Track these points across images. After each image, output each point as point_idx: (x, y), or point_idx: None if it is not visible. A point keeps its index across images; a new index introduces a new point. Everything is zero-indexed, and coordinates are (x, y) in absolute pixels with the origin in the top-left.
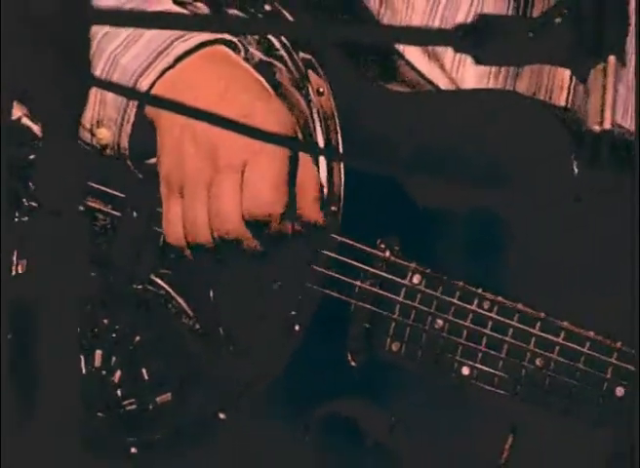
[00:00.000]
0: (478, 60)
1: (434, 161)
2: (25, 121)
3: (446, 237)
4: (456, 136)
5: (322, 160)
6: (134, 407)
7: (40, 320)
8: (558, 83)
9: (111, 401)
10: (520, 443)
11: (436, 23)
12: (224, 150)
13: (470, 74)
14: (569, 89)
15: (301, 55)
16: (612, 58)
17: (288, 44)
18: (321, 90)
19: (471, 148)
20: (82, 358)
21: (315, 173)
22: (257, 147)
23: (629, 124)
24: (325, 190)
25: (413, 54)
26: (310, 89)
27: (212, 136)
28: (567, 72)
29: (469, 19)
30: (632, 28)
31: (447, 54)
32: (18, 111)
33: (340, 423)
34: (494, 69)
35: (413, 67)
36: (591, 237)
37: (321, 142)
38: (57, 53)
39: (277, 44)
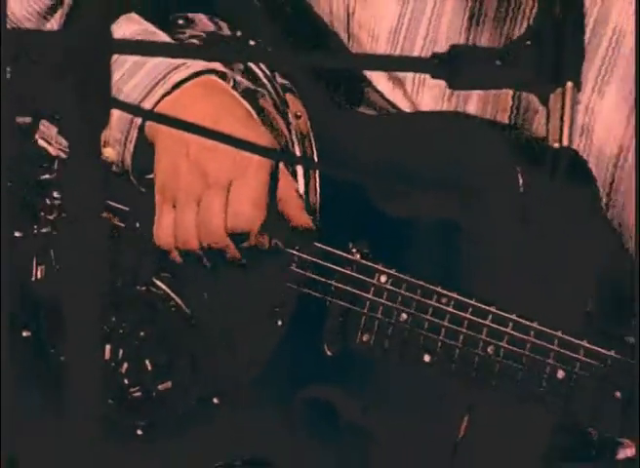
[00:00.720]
0: (451, 85)
1: (396, 175)
2: (42, 143)
3: (408, 241)
4: (414, 152)
5: (300, 177)
6: (139, 394)
7: (65, 319)
8: (502, 105)
9: (119, 389)
10: (475, 421)
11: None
12: (214, 169)
13: (427, 97)
14: (511, 109)
15: (280, 80)
16: (569, 84)
17: (268, 72)
18: (298, 113)
19: (427, 164)
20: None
21: (295, 188)
22: (242, 169)
23: (584, 143)
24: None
25: (379, 80)
26: (289, 112)
27: (203, 156)
28: (509, 95)
29: (425, 51)
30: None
31: (408, 79)
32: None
33: (318, 405)
34: (447, 93)
35: (378, 92)
36: (534, 242)
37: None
38: (81, 79)
39: (260, 73)
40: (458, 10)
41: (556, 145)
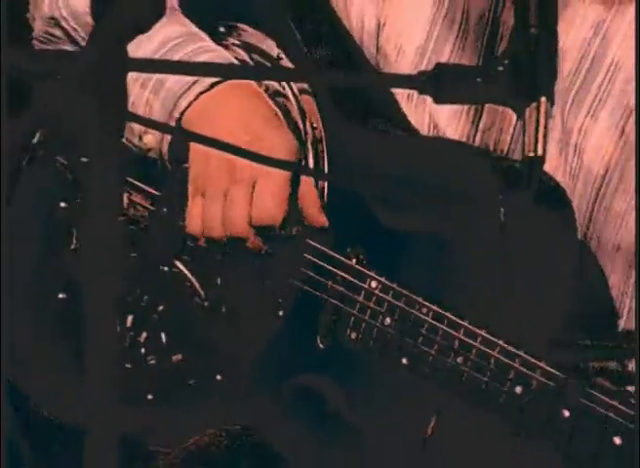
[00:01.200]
0: (436, 100)
1: (393, 188)
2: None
3: (401, 252)
4: (410, 172)
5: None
6: (153, 362)
7: (89, 293)
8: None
9: (137, 356)
10: (442, 421)
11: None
12: (240, 166)
13: (446, 111)
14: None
15: (302, 96)
16: (543, 99)
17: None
18: (315, 124)
19: (420, 180)
20: (117, 320)
21: (315, 190)
22: (266, 168)
23: (576, 161)
24: None
25: (400, 95)
26: (307, 122)
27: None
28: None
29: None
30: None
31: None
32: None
33: (307, 393)
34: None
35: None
36: (511, 263)
37: (311, 166)
38: (101, 95)
39: (285, 83)
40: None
41: (531, 154)
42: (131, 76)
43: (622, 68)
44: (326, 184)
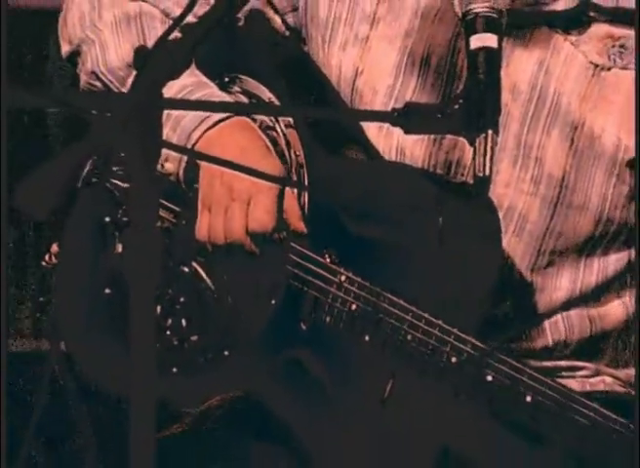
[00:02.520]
0: (406, 131)
1: (359, 203)
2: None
3: (364, 253)
4: (372, 189)
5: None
6: (176, 342)
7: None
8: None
9: (164, 338)
10: (397, 385)
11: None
12: (238, 187)
13: (410, 139)
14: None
15: (287, 130)
16: (490, 132)
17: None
18: (297, 153)
19: (380, 196)
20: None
21: (296, 204)
22: (258, 189)
23: (538, 170)
24: None
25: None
26: (292, 151)
27: (231, 178)
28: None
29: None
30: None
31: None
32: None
33: (294, 366)
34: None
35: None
36: (448, 259)
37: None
38: (140, 126)
39: (273, 118)
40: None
41: (481, 175)
42: None
43: (564, 93)
44: (306, 200)
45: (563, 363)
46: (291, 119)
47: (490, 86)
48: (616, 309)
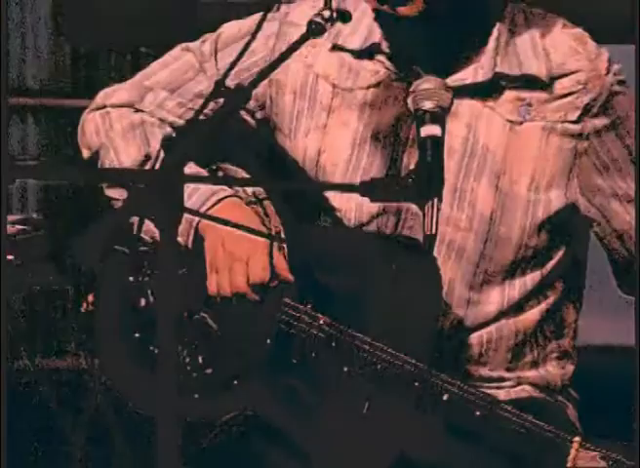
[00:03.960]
0: (371, 200)
1: (329, 261)
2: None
3: (336, 300)
4: (337, 251)
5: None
6: (195, 374)
7: (158, 333)
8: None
9: (185, 372)
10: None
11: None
12: (238, 251)
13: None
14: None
15: (265, 202)
16: (435, 199)
17: (264, 194)
18: (276, 224)
19: (344, 255)
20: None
21: (284, 260)
22: (254, 251)
23: (472, 211)
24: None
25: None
26: (271, 220)
27: (231, 245)
28: None
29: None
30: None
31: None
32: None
33: (289, 391)
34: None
35: (332, 207)
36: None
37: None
38: (165, 197)
39: (257, 195)
40: (375, 152)
41: (429, 233)
42: None
43: (489, 148)
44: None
45: (494, 374)
46: (268, 197)
47: (434, 165)
48: (531, 315)
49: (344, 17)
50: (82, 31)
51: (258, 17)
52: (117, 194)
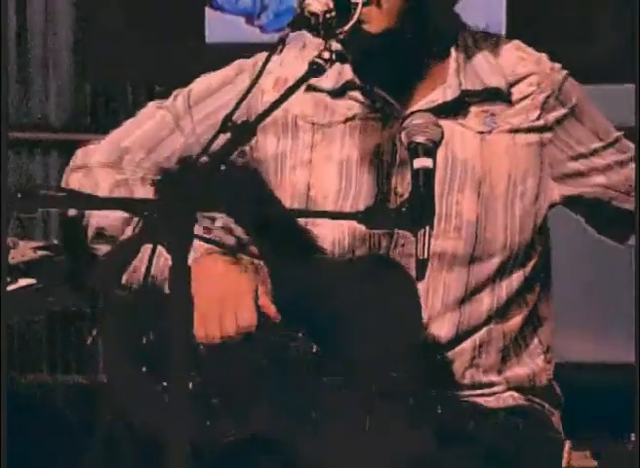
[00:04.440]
0: (368, 227)
1: (318, 291)
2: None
3: (325, 330)
4: (329, 277)
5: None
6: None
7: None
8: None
9: (195, 401)
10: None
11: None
12: (225, 299)
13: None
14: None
15: (245, 238)
16: (428, 228)
17: (243, 234)
18: (260, 264)
19: (329, 284)
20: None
21: (269, 300)
22: (241, 297)
23: (459, 220)
24: None
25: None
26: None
27: (220, 291)
28: None
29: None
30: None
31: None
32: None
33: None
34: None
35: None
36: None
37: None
38: (178, 225)
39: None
40: (369, 180)
41: (421, 257)
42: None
43: (467, 160)
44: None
45: (485, 378)
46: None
47: (427, 194)
48: (515, 321)
49: (342, 58)
50: (102, 69)
51: (230, 69)
52: (103, 249)
